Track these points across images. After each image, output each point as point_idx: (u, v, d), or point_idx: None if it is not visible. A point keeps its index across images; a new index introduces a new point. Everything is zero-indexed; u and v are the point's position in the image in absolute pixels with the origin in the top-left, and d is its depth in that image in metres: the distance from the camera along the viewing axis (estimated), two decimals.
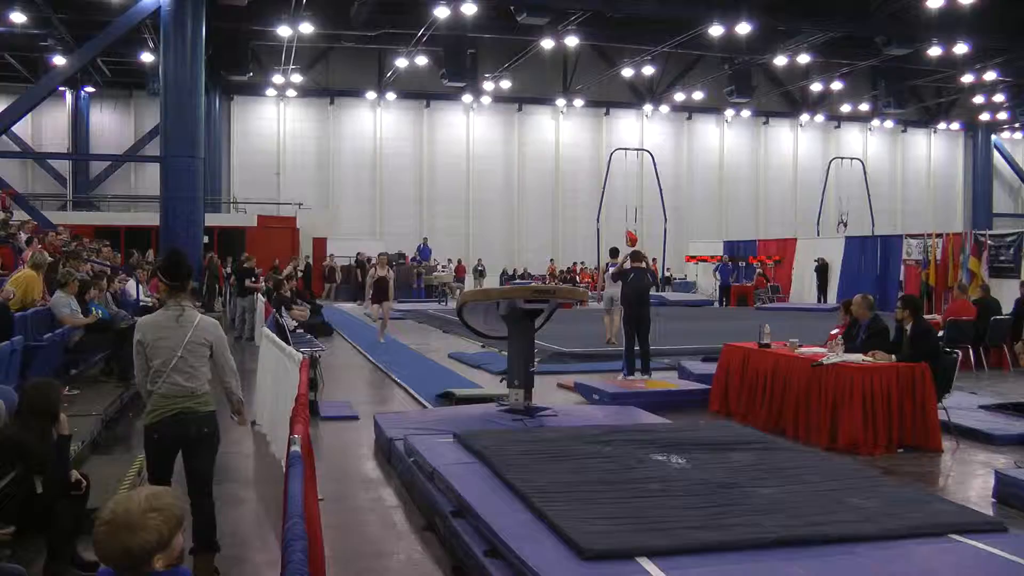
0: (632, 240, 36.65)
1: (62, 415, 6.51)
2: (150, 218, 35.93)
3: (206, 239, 33.27)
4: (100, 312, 14.41)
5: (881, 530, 6.32)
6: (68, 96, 45.88)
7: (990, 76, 44.82)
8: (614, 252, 21.76)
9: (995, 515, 7.73)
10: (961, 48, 38.32)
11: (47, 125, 46.02)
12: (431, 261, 45.36)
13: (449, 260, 47.10)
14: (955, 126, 58.53)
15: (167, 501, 3.20)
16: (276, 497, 7.20)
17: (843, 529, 6.31)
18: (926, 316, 12.94)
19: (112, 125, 47.30)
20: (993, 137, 59.80)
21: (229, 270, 29.95)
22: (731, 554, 5.84)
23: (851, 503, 6.94)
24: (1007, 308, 19.31)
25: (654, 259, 39.44)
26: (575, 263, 50.13)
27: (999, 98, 51.36)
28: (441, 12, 34.41)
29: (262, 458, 9.93)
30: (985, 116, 56.11)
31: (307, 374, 8.53)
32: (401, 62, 43.66)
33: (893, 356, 11.14)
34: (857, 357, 11.03)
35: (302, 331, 18.78)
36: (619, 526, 6.16)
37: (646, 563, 5.58)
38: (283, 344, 10.60)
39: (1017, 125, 58.09)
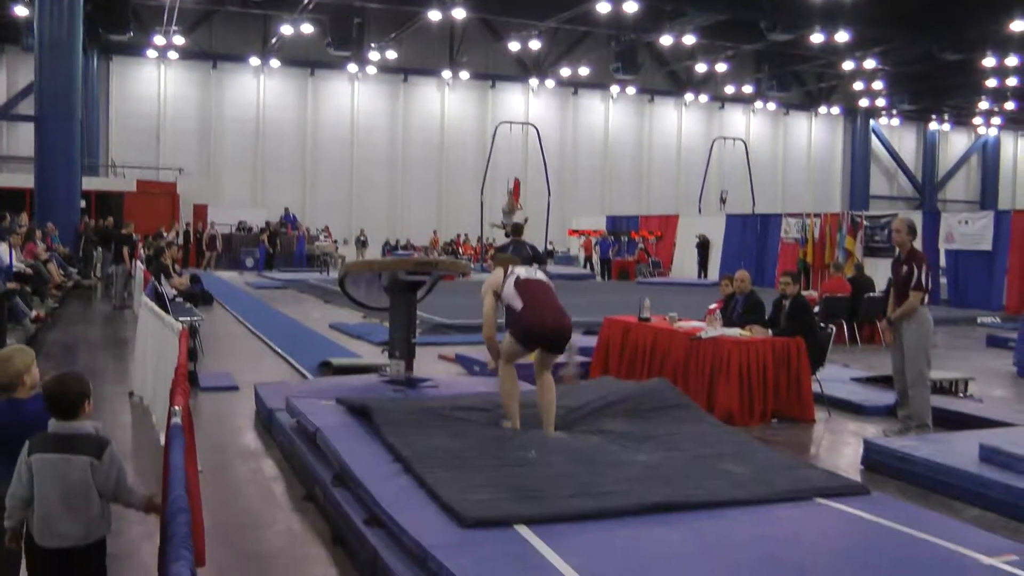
0: (516, 188, 36.75)
1: None
2: (24, 180, 34.76)
3: (83, 204, 32.53)
4: None
5: (751, 495, 6.55)
6: None
7: (869, 64, 45.92)
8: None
9: (862, 481, 8.00)
10: (842, 36, 39.19)
11: None
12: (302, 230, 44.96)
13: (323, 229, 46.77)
14: (835, 111, 59.95)
15: (21, 346, 5.53)
16: (154, 469, 7.14)
17: (714, 495, 6.51)
18: (803, 292, 13.26)
19: None
20: (871, 122, 61.42)
21: (95, 235, 29.24)
22: (606, 521, 5.96)
23: (723, 469, 7.15)
24: (880, 286, 19.91)
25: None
26: (459, 235, 50.19)
27: (878, 85, 52.76)
28: None
29: (140, 429, 9.80)
30: (864, 102, 57.49)
31: (187, 344, 8.44)
32: (286, 29, 43.10)
33: (769, 331, 11.42)
34: (735, 331, 11.27)
35: (181, 300, 18.54)
36: (498, 495, 6.24)
37: (524, 531, 5.67)
38: (162, 313, 10.45)
39: (894, 112, 59.63)
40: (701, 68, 51.08)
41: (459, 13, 39.76)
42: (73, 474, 4.41)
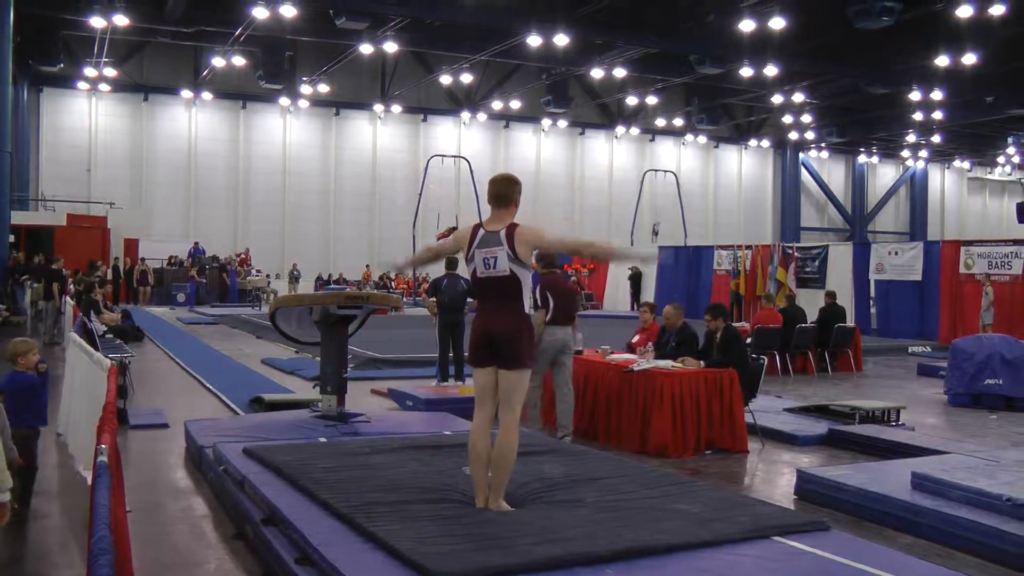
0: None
1: None
2: None
3: (12, 239, 32.06)
4: None
5: (716, 535, 6.29)
6: None
7: (798, 98, 46.46)
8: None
9: (795, 509, 8.07)
10: (771, 70, 39.52)
11: None
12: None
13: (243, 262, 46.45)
14: (765, 143, 60.58)
15: (26, 338, 8.49)
16: (82, 510, 7.02)
17: (682, 537, 6.21)
18: (735, 324, 13.36)
19: None
20: (801, 155, 62.14)
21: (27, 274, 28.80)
22: (577, 569, 5.61)
23: (678, 509, 6.91)
24: (812, 317, 20.33)
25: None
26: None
27: (806, 118, 53.40)
28: (259, 12, 33.79)
29: (67, 469, 9.63)
30: (794, 135, 58.16)
31: (116, 381, 8.33)
32: (218, 61, 42.74)
33: (702, 362, 11.48)
34: (667, 363, 11.31)
35: (112, 336, 18.32)
36: (458, 544, 5.89)
37: None
38: (91, 350, 10.31)
39: (823, 144, 60.41)
40: (631, 101, 51.42)
41: (390, 46, 39.76)
42: None
